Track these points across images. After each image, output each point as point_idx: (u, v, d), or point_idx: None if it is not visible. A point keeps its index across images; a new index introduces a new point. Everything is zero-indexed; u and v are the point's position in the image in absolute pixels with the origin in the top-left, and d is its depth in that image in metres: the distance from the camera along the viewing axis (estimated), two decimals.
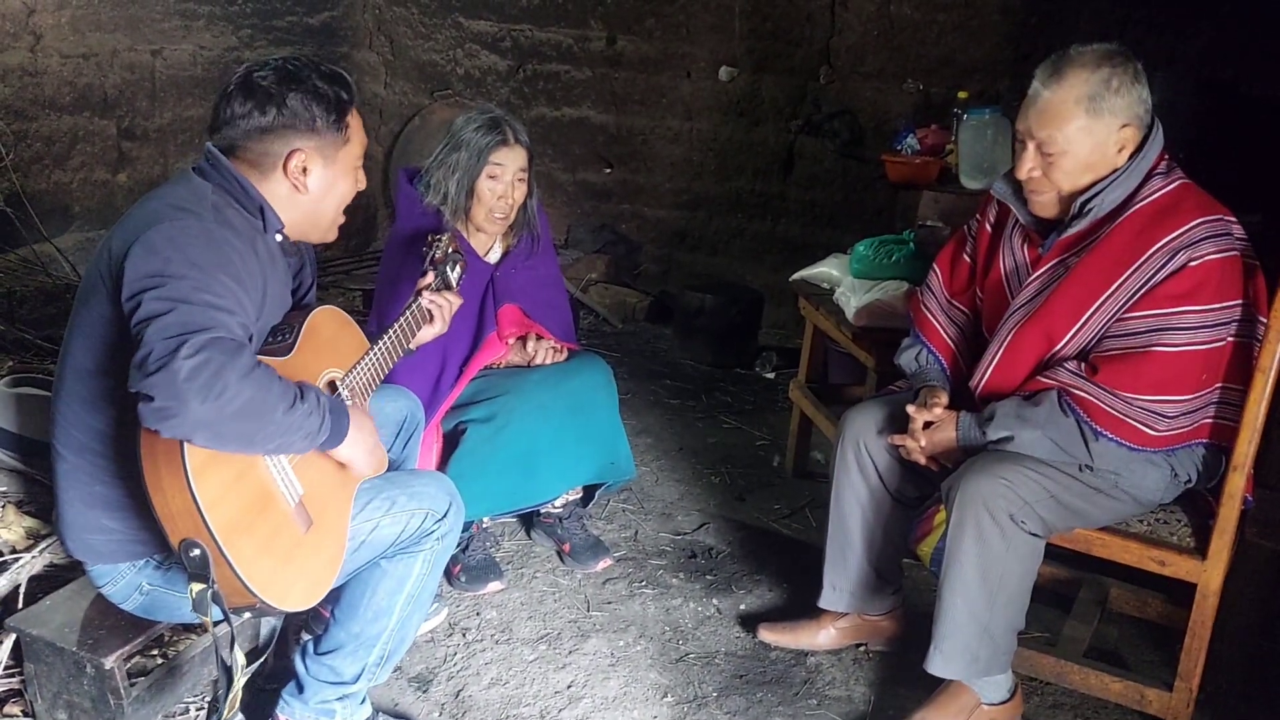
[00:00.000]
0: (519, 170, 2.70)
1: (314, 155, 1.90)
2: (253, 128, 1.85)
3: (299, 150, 1.88)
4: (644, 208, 5.27)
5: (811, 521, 3.23)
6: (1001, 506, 2.07)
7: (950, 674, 2.20)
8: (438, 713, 2.34)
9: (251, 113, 1.84)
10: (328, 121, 1.89)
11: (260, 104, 1.84)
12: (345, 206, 2.03)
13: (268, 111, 1.84)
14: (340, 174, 1.96)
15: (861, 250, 3.09)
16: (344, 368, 2.01)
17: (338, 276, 5.00)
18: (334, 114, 1.90)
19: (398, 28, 5.43)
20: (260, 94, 1.84)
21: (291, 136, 1.87)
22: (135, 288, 1.64)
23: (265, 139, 1.86)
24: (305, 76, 1.87)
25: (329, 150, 1.92)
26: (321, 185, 1.94)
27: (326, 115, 1.88)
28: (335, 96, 1.90)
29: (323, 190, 1.94)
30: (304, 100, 1.86)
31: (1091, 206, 2.09)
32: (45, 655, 2.02)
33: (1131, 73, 2.04)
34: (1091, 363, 2.09)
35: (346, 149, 1.95)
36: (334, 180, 1.96)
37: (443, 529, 2.05)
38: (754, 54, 4.80)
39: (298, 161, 1.88)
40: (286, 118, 1.85)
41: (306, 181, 1.91)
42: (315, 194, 1.93)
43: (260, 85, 1.84)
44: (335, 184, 1.96)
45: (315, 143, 1.89)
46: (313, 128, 1.88)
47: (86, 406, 1.82)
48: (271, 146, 1.87)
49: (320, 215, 1.99)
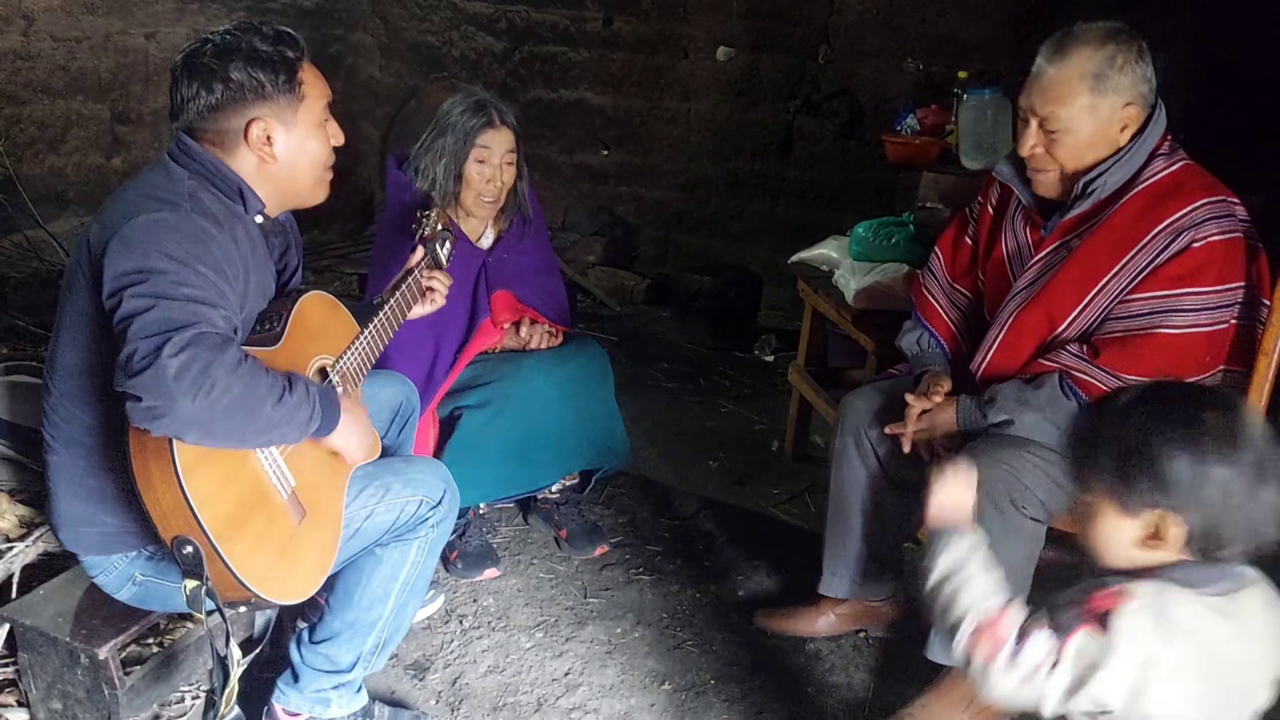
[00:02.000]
0: (507, 152, 2.67)
1: (273, 121, 1.84)
2: (204, 107, 1.80)
3: (256, 120, 1.82)
4: (642, 189, 5.24)
5: (811, 506, 3.21)
6: (1002, 491, 2.05)
7: (951, 660, 2.19)
8: (434, 700, 2.33)
9: (199, 93, 1.79)
10: (277, 84, 1.82)
11: (205, 82, 1.79)
12: (330, 164, 1.97)
13: (214, 89, 1.79)
14: (306, 133, 1.89)
15: (861, 232, 3.07)
16: (334, 353, 1.98)
17: (334, 260, 4.97)
18: (282, 74, 1.83)
19: (392, 9, 5.38)
20: (203, 72, 1.79)
21: (244, 108, 1.81)
22: (115, 285, 1.61)
23: (219, 116, 1.81)
24: (243, 44, 1.80)
25: (286, 114, 1.85)
26: (289, 150, 1.87)
27: (275, 78, 1.82)
28: (280, 56, 1.83)
29: (292, 154, 1.88)
30: (246, 69, 1.80)
31: (1094, 187, 2.06)
32: (39, 645, 2.01)
33: (1136, 51, 2.01)
34: (1093, 345, 2.07)
35: (305, 106, 1.88)
36: (301, 141, 1.89)
37: (438, 516, 2.03)
38: (752, 33, 4.76)
39: (258, 131, 1.83)
40: (234, 90, 1.80)
41: (273, 150, 1.85)
42: (284, 160, 1.88)
43: (201, 63, 1.79)
44: (304, 144, 1.89)
45: (270, 108, 1.83)
46: (262, 94, 1.82)
47: (76, 401, 1.79)
48: (228, 122, 1.82)
49: (297, 181, 1.93)
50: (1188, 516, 1.31)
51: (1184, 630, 1.27)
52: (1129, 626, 1.27)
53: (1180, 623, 1.27)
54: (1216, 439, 1.30)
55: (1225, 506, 1.29)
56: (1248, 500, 1.29)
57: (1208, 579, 1.32)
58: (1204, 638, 1.28)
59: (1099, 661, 1.28)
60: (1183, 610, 1.28)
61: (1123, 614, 1.28)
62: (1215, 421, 1.31)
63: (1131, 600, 1.29)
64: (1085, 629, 1.30)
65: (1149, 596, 1.29)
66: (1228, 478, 1.28)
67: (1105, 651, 1.28)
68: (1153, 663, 1.26)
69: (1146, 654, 1.26)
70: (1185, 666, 1.27)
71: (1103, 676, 1.28)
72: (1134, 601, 1.29)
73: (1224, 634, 1.29)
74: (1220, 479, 1.28)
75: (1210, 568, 1.32)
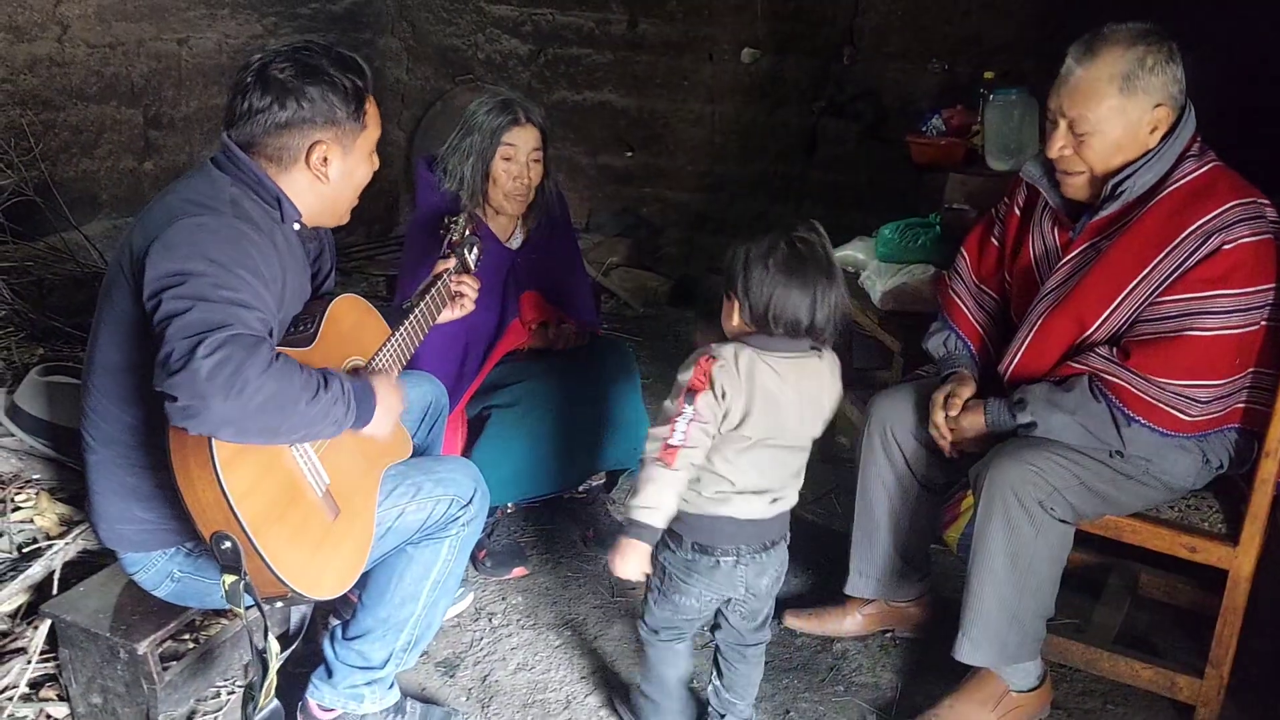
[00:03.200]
0: (533, 150, 2.70)
1: (333, 146, 1.89)
2: (271, 123, 1.83)
3: (320, 142, 1.88)
4: (665, 191, 5.25)
5: (836, 507, 3.22)
6: (1030, 493, 2.06)
7: (978, 661, 2.19)
8: (464, 697, 2.35)
9: (270, 107, 1.82)
10: (347, 112, 1.88)
11: (279, 98, 1.82)
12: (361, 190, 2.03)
13: (287, 106, 1.83)
14: (358, 162, 1.97)
15: (887, 233, 3.07)
16: (366, 355, 2.02)
17: (360, 262, 5.01)
18: (352, 104, 1.89)
19: (419, 13, 5.42)
20: (279, 87, 1.82)
21: (311, 130, 1.86)
22: (155, 286, 1.64)
23: (285, 133, 1.85)
24: (322, 67, 1.85)
25: (347, 139, 1.92)
26: (341, 174, 1.94)
27: (345, 105, 1.88)
28: (353, 86, 1.89)
29: (342, 178, 1.95)
30: (323, 92, 1.84)
31: (1124, 189, 2.06)
32: (79, 641, 2.05)
33: (1166, 52, 2.01)
34: (1123, 347, 2.07)
35: (364, 136, 1.95)
36: (353, 168, 1.96)
37: (468, 514, 2.06)
38: (776, 35, 4.76)
39: (319, 154, 1.88)
40: (306, 111, 1.84)
41: (327, 172, 1.91)
42: (335, 183, 1.94)
43: (277, 79, 1.82)
44: (354, 171, 1.97)
45: (334, 133, 1.89)
46: (332, 119, 1.87)
47: (115, 401, 1.83)
48: (291, 140, 1.86)
49: (338, 202, 1.99)
50: (744, 300, 1.87)
51: (745, 373, 1.86)
52: (721, 374, 1.86)
53: (744, 368, 1.86)
54: (763, 250, 1.86)
55: (762, 295, 1.85)
56: (779, 292, 1.84)
57: (771, 346, 1.89)
58: (759, 381, 1.86)
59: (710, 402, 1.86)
60: (744, 361, 1.87)
61: (715, 368, 1.86)
62: (771, 240, 1.86)
63: (716, 360, 1.87)
64: (700, 389, 1.86)
65: (725, 355, 1.87)
66: (762, 275, 1.85)
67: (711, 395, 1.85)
68: (732, 394, 1.86)
69: (729, 389, 1.85)
70: (748, 399, 1.86)
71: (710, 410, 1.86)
72: (718, 360, 1.87)
73: (774, 382, 1.87)
74: (757, 276, 1.85)
75: (774, 339, 1.88)
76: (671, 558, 2.01)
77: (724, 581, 1.99)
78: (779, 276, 1.84)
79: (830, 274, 1.86)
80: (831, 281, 1.86)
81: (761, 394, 1.86)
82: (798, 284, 1.84)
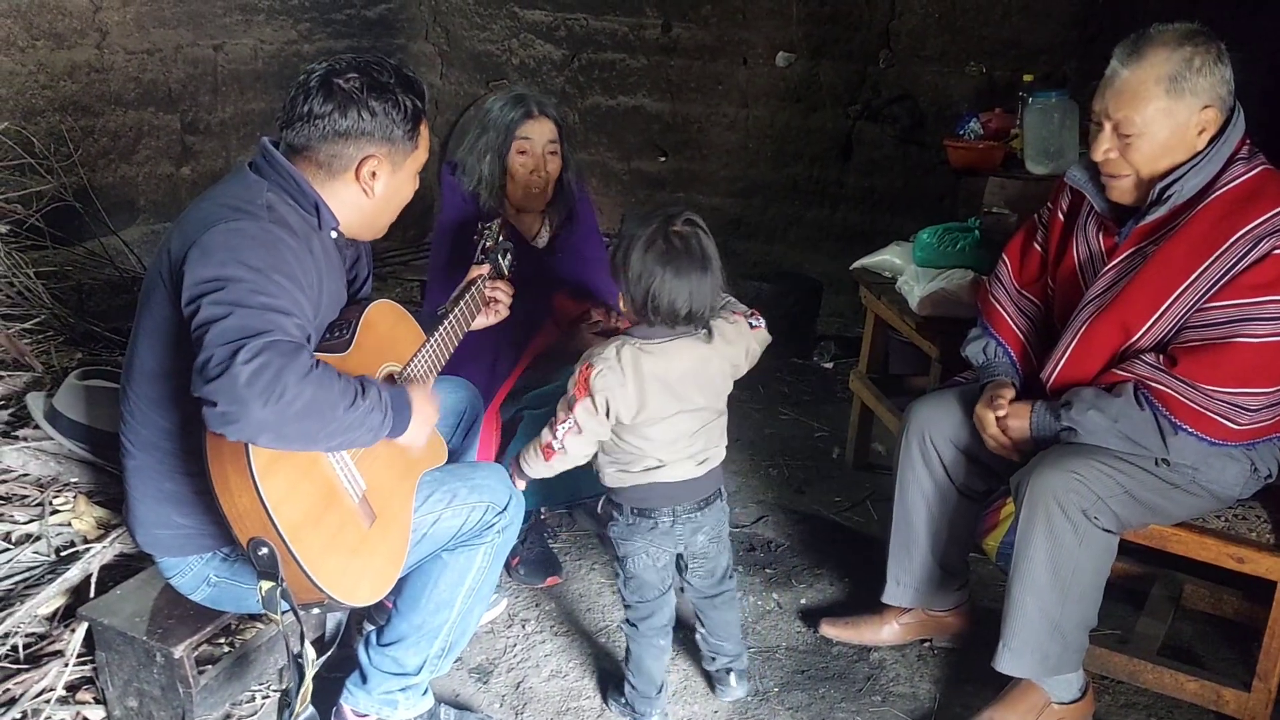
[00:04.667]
0: (548, 142, 2.70)
1: (385, 162, 1.91)
2: (330, 130, 1.84)
3: (373, 156, 1.88)
4: (699, 196, 5.23)
5: (873, 514, 3.18)
6: (1074, 501, 2.02)
7: (1019, 672, 2.16)
8: (498, 704, 2.34)
9: (331, 114, 1.83)
10: (404, 131, 1.90)
11: (341, 107, 1.83)
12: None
13: (349, 115, 1.84)
14: (404, 180, 1.98)
15: (925, 238, 3.04)
16: (401, 361, 2.01)
17: (395, 267, 5.03)
18: (410, 123, 1.91)
19: (453, 19, 5.44)
20: (343, 96, 1.83)
21: (367, 143, 1.87)
22: (194, 292, 1.65)
23: (340, 142, 1.86)
24: (388, 84, 1.87)
25: (399, 157, 1.93)
26: (387, 191, 1.95)
27: (403, 124, 1.90)
28: (412, 107, 1.91)
29: (386, 195, 1.96)
30: (385, 108, 1.86)
31: (1171, 193, 2.02)
32: (116, 644, 2.06)
33: (1215, 53, 1.96)
34: (1170, 354, 2.03)
35: (413, 157, 1.97)
36: (399, 187, 1.98)
37: (503, 521, 2.05)
38: (812, 39, 4.74)
39: (369, 167, 1.89)
40: (366, 124, 1.85)
41: (374, 186, 1.92)
42: (379, 198, 1.95)
43: (342, 88, 1.84)
44: (399, 190, 1.99)
45: (388, 150, 1.90)
46: (389, 136, 1.89)
47: (154, 406, 1.84)
48: (345, 150, 1.87)
49: (379, 218, 2.01)
50: (628, 290, 2.00)
51: (630, 368, 1.99)
52: (599, 382, 1.98)
53: (627, 363, 1.99)
54: (642, 242, 1.96)
55: (640, 286, 1.96)
56: (658, 283, 1.94)
57: (652, 335, 2.01)
58: (646, 370, 1.99)
59: (589, 410, 2.01)
60: (626, 357, 1.99)
61: (593, 375, 1.99)
62: (649, 232, 1.96)
63: (594, 368, 1.99)
64: (580, 398, 2.00)
65: (607, 357, 1.99)
66: (641, 268, 1.95)
67: (590, 404, 2.00)
68: (616, 394, 1.99)
69: (611, 391, 1.98)
70: (639, 389, 1.99)
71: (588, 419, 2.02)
72: (596, 368, 1.99)
73: (659, 366, 2.00)
74: (637, 268, 1.95)
75: (654, 328, 2.01)
76: (616, 527, 2.19)
77: (663, 540, 2.17)
78: (655, 269, 1.94)
79: (705, 265, 1.97)
80: (705, 273, 1.97)
81: (652, 380, 2.00)
82: (672, 275, 1.94)
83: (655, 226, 1.97)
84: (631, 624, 2.24)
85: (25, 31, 3.65)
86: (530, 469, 2.14)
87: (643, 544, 2.17)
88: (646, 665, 2.25)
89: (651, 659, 2.25)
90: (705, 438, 2.14)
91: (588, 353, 2.05)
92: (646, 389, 2.00)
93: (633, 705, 2.29)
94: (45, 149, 3.62)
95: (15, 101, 3.63)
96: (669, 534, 2.16)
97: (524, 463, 2.15)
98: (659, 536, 2.16)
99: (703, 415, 2.11)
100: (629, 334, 2.04)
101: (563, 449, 2.06)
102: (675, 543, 2.19)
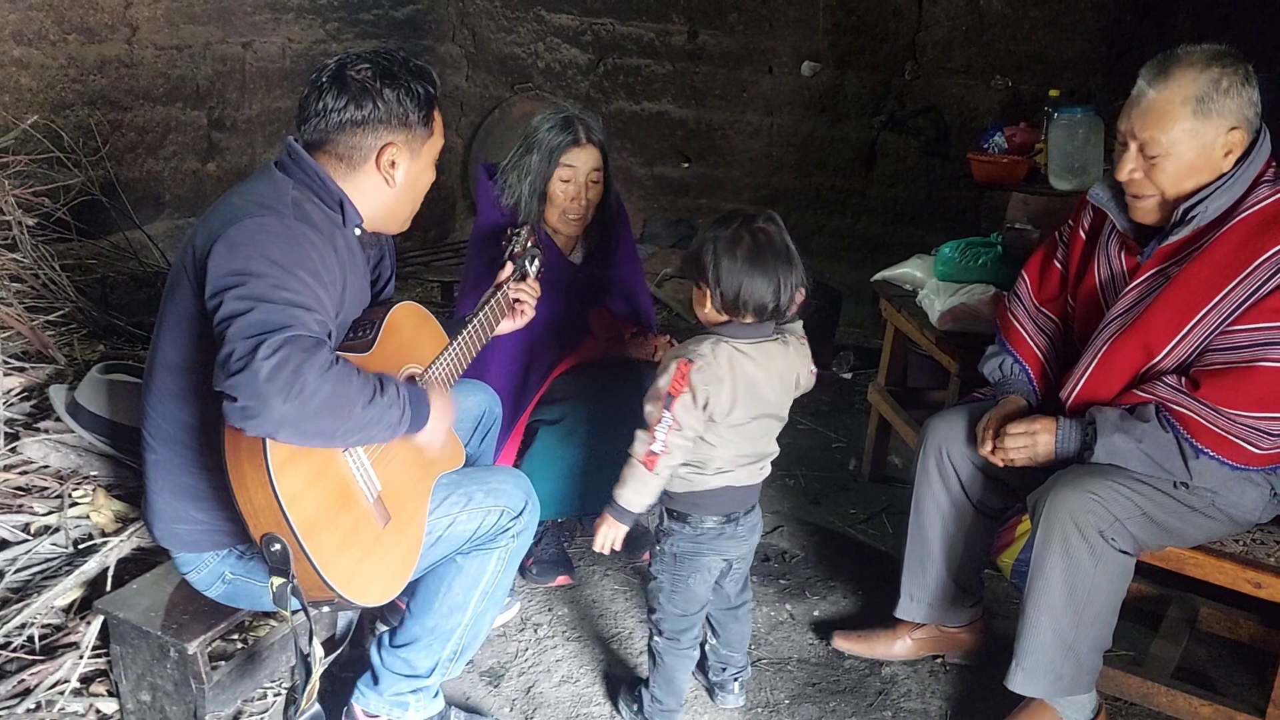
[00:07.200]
0: (592, 170, 2.67)
1: (403, 149, 1.92)
2: (346, 121, 1.86)
3: (391, 144, 1.90)
4: (721, 202, 5.23)
5: (888, 527, 3.17)
6: (1091, 522, 2.01)
7: (1032, 692, 2.15)
8: (508, 708, 2.35)
9: (346, 106, 1.85)
10: (419, 117, 1.92)
11: (356, 98, 1.85)
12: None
13: (363, 105, 1.86)
14: (423, 167, 1.99)
15: (947, 252, 3.03)
16: (423, 363, 2.02)
17: (416, 268, 5.05)
18: (424, 109, 1.92)
19: (480, 21, 5.46)
20: (355, 88, 1.85)
21: (384, 131, 1.89)
22: (217, 286, 1.66)
23: (358, 133, 1.88)
24: (398, 72, 1.89)
25: (416, 144, 1.94)
26: (407, 179, 1.96)
27: (418, 110, 1.91)
28: (425, 93, 1.92)
29: (407, 183, 1.97)
30: (398, 95, 1.88)
31: (1195, 214, 2.01)
32: (131, 638, 2.07)
33: (1242, 74, 1.95)
34: (1192, 377, 2.01)
35: (430, 143, 1.98)
36: (418, 173, 1.99)
37: (519, 526, 2.05)
38: (837, 49, 4.73)
39: (389, 155, 1.90)
40: (381, 112, 1.87)
41: (395, 175, 1.93)
42: (401, 186, 1.96)
43: (355, 79, 1.86)
44: (419, 177, 1.99)
45: (405, 136, 1.91)
46: (406, 123, 1.90)
47: (175, 400, 1.85)
48: (363, 140, 1.88)
49: (401, 207, 2.01)
50: (715, 289, 2.01)
51: (727, 365, 2.01)
52: (698, 377, 1.99)
53: (724, 360, 2.01)
54: (728, 241, 2.00)
55: (732, 283, 1.99)
56: (746, 280, 1.98)
57: (741, 334, 2.04)
58: (740, 369, 2.02)
59: (688, 406, 2.00)
60: (723, 354, 2.01)
61: (692, 371, 1.99)
62: (734, 230, 2.01)
63: (694, 364, 2.00)
64: (678, 394, 1.99)
65: (704, 353, 2.00)
66: (730, 265, 1.99)
67: (689, 399, 1.99)
68: (715, 390, 1.99)
69: (711, 386, 1.99)
70: (734, 388, 2.01)
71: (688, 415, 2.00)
72: (695, 363, 2.00)
73: (750, 366, 2.03)
74: (726, 266, 1.99)
75: (743, 327, 2.04)
76: (679, 540, 2.17)
77: (728, 546, 2.17)
78: (745, 265, 1.99)
79: (789, 260, 2.03)
80: (791, 267, 2.03)
81: (744, 379, 2.03)
82: (761, 271, 1.99)
83: (738, 225, 2.02)
84: (669, 638, 2.22)
85: (56, 25, 3.69)
86: (635, 497, 2.06)
87: (709, 553, 2.16)
88: (678, 679, 2.25)
89: (683, 671, 2.25)
90: (769, 438, 2.16)
91: (676, 350, 2.05)
92: (739, 387, 2.02)
93: (648, 717, 2.28)
94: (73, 143, 3.65)
95: (45, 95, 3.67)
96: (734, 538, 2.17)
97: (622, 499, 2.07)
98: (725, 542, 2.16)
99: (776, 418, 2.13)
100: (718, 333, 2.05)
101: (665, 448, 2.02)
102: (738, 547, 2.20)
